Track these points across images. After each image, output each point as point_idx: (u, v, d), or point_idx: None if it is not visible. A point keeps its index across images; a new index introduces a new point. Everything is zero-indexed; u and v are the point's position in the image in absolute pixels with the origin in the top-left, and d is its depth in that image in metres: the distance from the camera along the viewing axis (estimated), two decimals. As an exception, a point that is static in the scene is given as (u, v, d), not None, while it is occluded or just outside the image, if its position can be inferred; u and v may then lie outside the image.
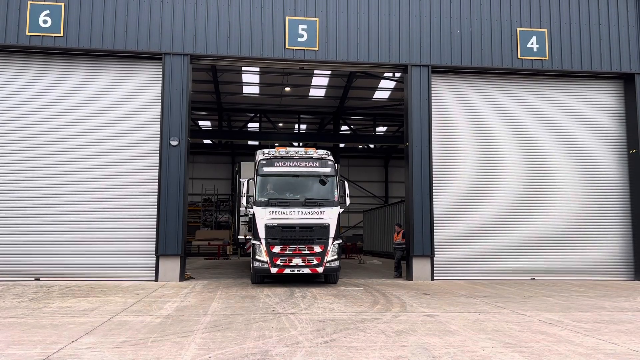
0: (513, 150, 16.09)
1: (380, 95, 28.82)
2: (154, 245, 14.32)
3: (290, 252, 12.79)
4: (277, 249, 12.78)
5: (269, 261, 12.72)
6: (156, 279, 14.19)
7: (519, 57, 15.82)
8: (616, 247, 16.11)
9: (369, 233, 34.85)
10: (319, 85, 27.59)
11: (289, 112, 31.70)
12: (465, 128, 15.98)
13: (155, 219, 14.38)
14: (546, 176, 16.12)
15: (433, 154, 15.37)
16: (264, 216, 12.82)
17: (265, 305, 10.22)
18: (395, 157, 39.61)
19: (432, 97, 15.54)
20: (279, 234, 12.76)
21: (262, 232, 12.81)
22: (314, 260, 12.81)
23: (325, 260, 12.85)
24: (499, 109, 16.19)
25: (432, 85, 15.58)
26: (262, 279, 13.62)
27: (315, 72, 25.32)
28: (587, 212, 16.12)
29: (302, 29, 15.19)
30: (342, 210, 13.40)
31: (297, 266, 12.75)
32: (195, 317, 8.90)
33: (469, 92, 16.14)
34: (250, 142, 36.18)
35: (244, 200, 13.64)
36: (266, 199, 13.01)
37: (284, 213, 12.81)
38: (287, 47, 15.18)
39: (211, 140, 36.89)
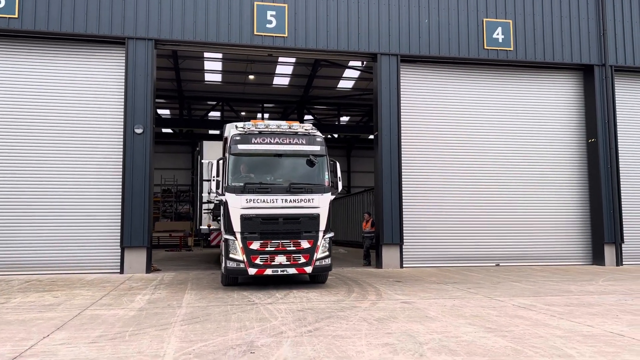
0: (479, 140, 16.37)
1: (345, 84, 28.77)
2: (119, 237, 13.85)
3: (273, 249, 10.47)
4: (255, 246, 10.41)
5: (245, 260, 10.35)
6: (121, 272, 13.75)
7: (485, 47, 16.07)
8: (575, 234, 16.69)
9: (332, 222, 34.86)
10: (283, 73, 27.28)
11: (252, 100, 31.27)
12: (433, 117, 16.14)
13: (120, 210, 13.91)
14: (511, 165, 16.50)
15: (402, 143, 15.45)
16: (239, 205, 10.40)
17: (241, 295, 10.04)
18: (358, 147, 39.76)
19: (401, 86, 15.60)
20: (258, 226, 10.41)
21: (236, 225, 10.39)
22: (301, 258, 10.62)
23: (314, 258, 10.67)
24: (466, 98, 16.43)
25: (401, 75, 15.64)
26: (236, 280, 11.35)
27: (280, 60, 25.01)
28: (548, 200, 16.61)
29: (271, 15, 14.92)
30: (334, 197, 11.36)
31: (280, 266, 10.48)
32: (170, 309, 8.64)
33: (437, 82, 16.29)
34: (211, 132, 35.49)
35: (213, 184, 11.06)
36: (242, 184, 10.52)
37: (264, 201, 10.48)
38: (255, 33, 14.89)
39: (171, 130, 36.02)
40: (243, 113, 34.60)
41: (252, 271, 10.41)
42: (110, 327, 7.21)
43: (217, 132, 34.09)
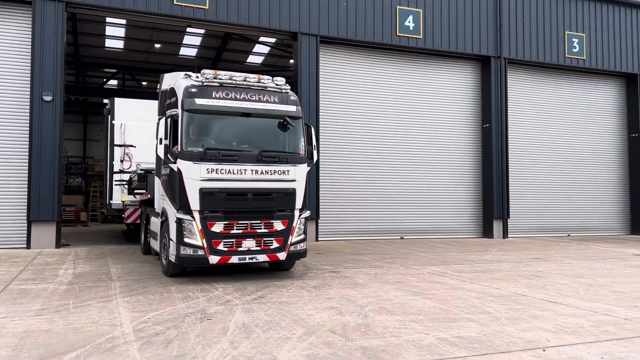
0: (390, 123, 17.38)
1: (254, 59, 28.64)
2: (25, 210, 13.05)
3: (240, 232, 8.59)
4: (218, 227, 8.45)
5: (206, 246, 8.37)
6: (28, 247, 13.01)
7: (398, 34, 16.99)
8: (469, 210, 18.42)
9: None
10: (191, 44, 26.56)
11: (156, 70, 29.98)
12: (349, 98, 16.84)
13: (27, 182, 13.07)
14: (415, 147, 17.72)
15: (320, 123, 16.01)
16: (197, 176, 8.36)
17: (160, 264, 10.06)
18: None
19: (320, 67, 16.09)
20: (222, 204, 8.48)
21: (194, 202, 8.35)
22: (274, 242, 8.83)
23: (289, 242, 8.95)
24: (379, 82, 17.31)
25: (320, 55, 16.11)
26: (185, 270, 9.20)
27: (189, 30, 24.34)
28: (447, 180, 18.13)
29: (193, -14, 14.61)
30: (309, 168, 9.53)
31: (249, 252, 8.63)
32: (103, 282, 8.53)
33: (353, 64, 16.98)
34: (106, 100, 33.60)
35: (160, 149, 8.95)
36: (201, 150, 8.45)
37: (230, 172, 8.53)
38: (175, 3, 14.51)
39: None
40: (145, 83, 33.22)
41: (214, 259, 8.41)
42: (48, 301, 7.05)
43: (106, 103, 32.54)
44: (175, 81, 9.27)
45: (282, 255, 8.92)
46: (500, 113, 18.15)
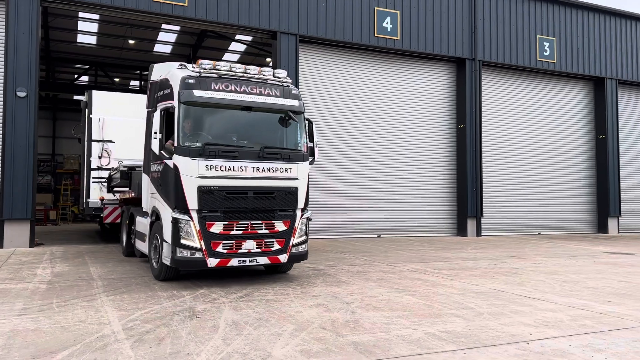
0: (368, 123, 17.56)
1: (230, 57, 28.46)
2: (-2, 208, 12.77)
3: (240, 233, 8.12)
4: (217, 228, 7.97)
5: (204, 248, 7.86)
6: (1, 246, 12.72)
7: (376, 35, 17.18)
8: (444, 209, 18.75)
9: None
10: (166, 41, 26.27)
11: (129, 67, 29.67)
12: (327, 98, 16.95)
13: (0, 180, 12.77)
14: (392, 148, 17.96)
15: (298, 121, 16.05)
16: (195, 173, 7.84)
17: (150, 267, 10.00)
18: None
19: (299, 66, 16.15)
20: (221, 203, 8.00)
21: (192, 200, 7.84)
22: (275, 244, 8.39)
23: (290, 244, 8.52)
24: (357, 82, 17.46)
25: (300, 55, 16.17)
26: (178, 273, 8.57)
27: (164, 27, 24.08)
28: (423, 179, 18.41)
29: (172, -17, 14.49)
30: (311, 166, 9.17)
31: (249, 254, 8.17)
32: (84, 282, 8.43)
33: (331, 64, 17.10)
34: (76, 97, 32.96)
35: (154, 144, 8.20)
36: (199, 145, 7.97)
37: (230, 169, 8.06)
38: (153, -1, 14.38)
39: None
40: (117, 79, 32.71)
41: (212, 262, 7.90)
42: (30, 300, 6.95)
43: (83, 97, 31.95)
44: (168, 72, 8.73)
45: (283, 258, 8.47)
46: (474, 114, 18.53)
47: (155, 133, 8.16)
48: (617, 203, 20.98)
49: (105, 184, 14.16)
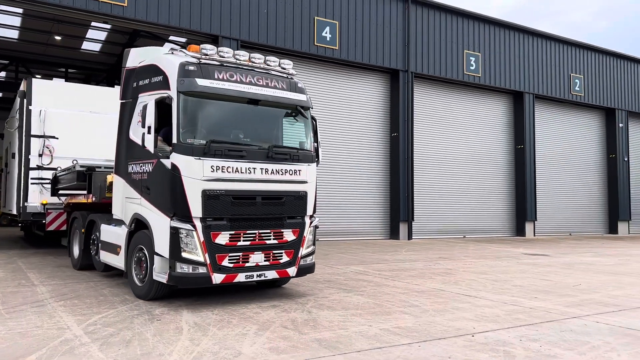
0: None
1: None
2: None
3: (247, 244, 7.13)
4: (223, 239, 6.92)
5: (209, 262, 6.80)
6: None
7: (315, 43, 17.65)
8: (378, 213, 19.51)
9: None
10: (95, 39, 25.36)
11: (54, 63, 28.32)
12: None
13: None
14: (330, 152, 18.45)
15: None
16: (199, 175, 6.76)
17: (93, 273, 9.78)
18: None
19: (240, 71, 16.26)
20: (228, 209, 6.97)
21: (195, 207, 6.75)
22: (284, 255, 7.47)
23: (299, 255, 7.63)
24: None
25: (241, 59, 16.28)
26: (169, 289, 7.28)
27: (93, 24, 23.28)
28: (358, 184, 19.09)
29: (111, -19, 14.19)
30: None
31: (257, 268, 7.19)
32: (26, 287, 8.16)
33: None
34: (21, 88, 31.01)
35: (147, 140, 6.95)
36: (203, 142, 6.84)
37: (237, 170, 7.02)
38: (92, -3, 14.01)
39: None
40: (39, 76, 31.10)
41: (218, 278, 6.85)
42: (-26, 307, 6.69)
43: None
44: (156, 57, 7.59)
45: (292, 271, 7.54)
46: (407, 123, 19.43)
47: (150, 128, 6.92)
48: (533, 208, 22.69)
49: (48, 186, 12.34)
